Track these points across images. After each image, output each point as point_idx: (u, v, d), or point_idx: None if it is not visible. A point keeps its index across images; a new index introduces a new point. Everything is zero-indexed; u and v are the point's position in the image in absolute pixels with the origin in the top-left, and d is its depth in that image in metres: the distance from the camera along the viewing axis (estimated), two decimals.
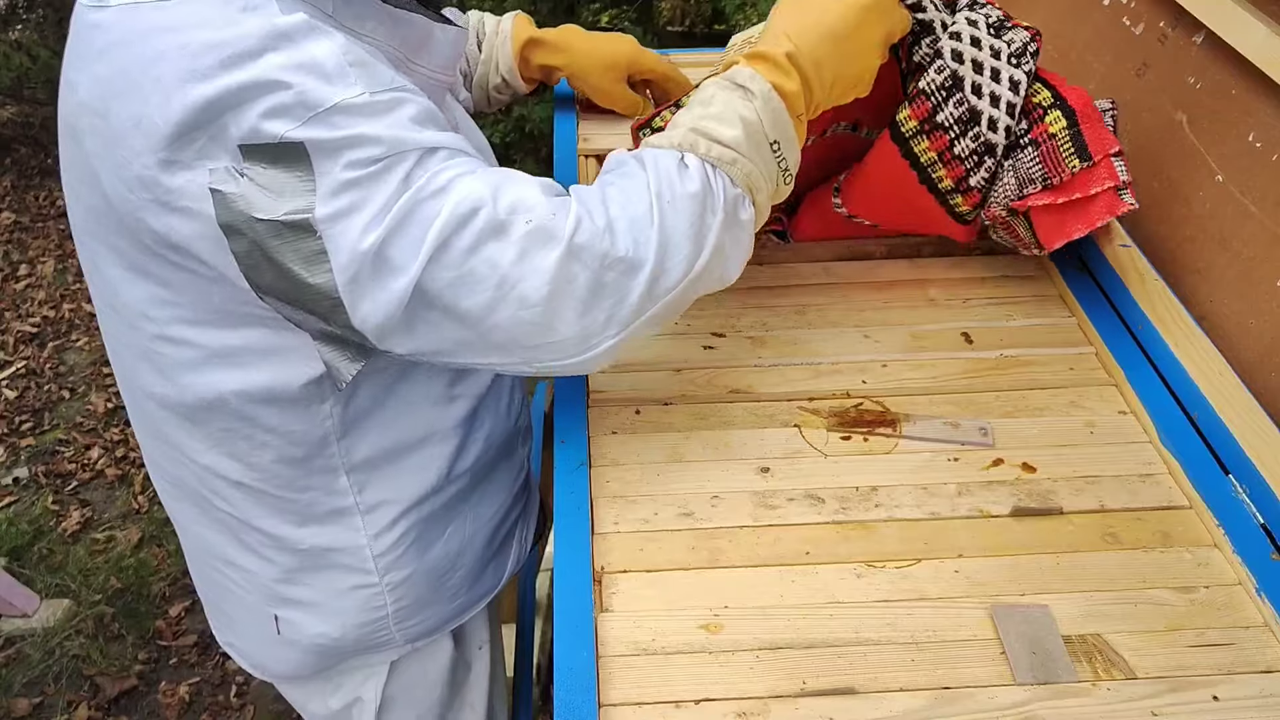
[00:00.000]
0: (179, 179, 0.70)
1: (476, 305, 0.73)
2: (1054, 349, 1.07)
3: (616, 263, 0.75)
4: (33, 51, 3.89)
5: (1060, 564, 0.86)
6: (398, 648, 1.06)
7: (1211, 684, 0.77)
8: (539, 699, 1.66)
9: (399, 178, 0.70)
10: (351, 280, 0.72)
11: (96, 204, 0.78)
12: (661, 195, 0.76)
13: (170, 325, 0.82)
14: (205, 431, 0.89)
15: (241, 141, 0.68)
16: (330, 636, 1.01)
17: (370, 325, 0.75)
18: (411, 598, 1.02)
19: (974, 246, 1.20)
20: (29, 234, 3.59)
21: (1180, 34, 1.17)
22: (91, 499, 2.55)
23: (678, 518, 0.91)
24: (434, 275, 0.72)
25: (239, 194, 0.70)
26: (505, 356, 0.78)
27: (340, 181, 0.69)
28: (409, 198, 0.70)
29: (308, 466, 0.91)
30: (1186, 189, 1.14)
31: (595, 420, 1.01)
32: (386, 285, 0.72)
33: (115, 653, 2.18)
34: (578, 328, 0.76)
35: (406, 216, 0.70)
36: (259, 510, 0.94)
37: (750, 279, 1.18)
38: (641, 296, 0.77)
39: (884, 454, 0.96)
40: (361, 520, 0.96)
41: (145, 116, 0.69)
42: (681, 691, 0.77)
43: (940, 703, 0.76)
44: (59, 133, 0.82)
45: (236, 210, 0.70)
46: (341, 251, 0.71)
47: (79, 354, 3.05)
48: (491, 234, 0.72)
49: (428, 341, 0.77)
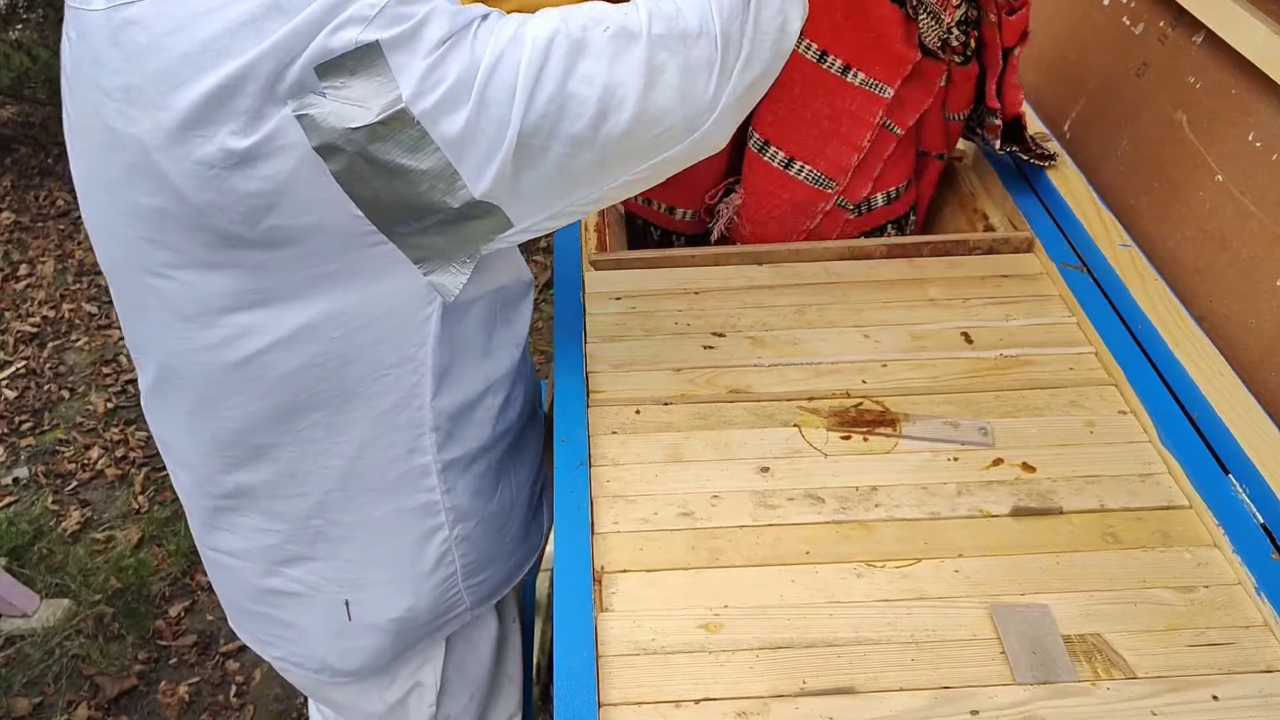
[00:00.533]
0: (266, 126, 0.72)
1: (584, 126, 0.76)
2: (1054, 349, 1.07)
3: (697, 39, 0.79)
4: (33, 51, 3.89)
5: (1060, 564, 0.86)
6: (464, 615, 1.08)
7: (1211, 684, 0.77)
8: (539, 698, 1.66)
9: (468, 45, 0.74)
10: (460, 150, 0.75)
11: (164, 205, 0.77)
12: None
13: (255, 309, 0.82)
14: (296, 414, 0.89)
15: (317, 63, 0.71)
16: (405, 607, 1.02)
17: (488, 187, 0.77)
18: (475, 553, 1.04)
19: (973, 246, 1.20)
20: (29, 234, 3.59)
21: (1180, 34, 1.17)
22: (91, 499, 2.55)
23: (677, 517, 0.91)
24: (536, 111, 0.75)
25: (328, 112, 0.72)
26: (624, 169, 0.82)
27: (422, 68, 0.72)
28: (489, 58, 0.74)
29: (393, 424, 0.92)
30: (1186, 189, 1.14)
31: (595, 420, 1.01)
32: (494, 140, 0.75)
33: (115, 653, 2.18)
34: (681, 112, 0.80)
35: (492, 72, 0.74)
36: (343, 487, 0.95)
37: (750, 279, 1.18)
38: (726, 62, 0.80)
39: (884, 454, 0.96)
40: (437, 478, 0.97)
41: (221, 88, 0.70)
42: (681, 691, 0.77)
43: (940, 702, 0.76)
44: (83, 151, 0.80)
45: (329, 128, 0.72)
46: (443, 128, 0.74)
47: (79, 354, 3.05)
48: (578, 53, 0.75)
49: (549, 187, 0.80)
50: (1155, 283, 1.08)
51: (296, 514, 0.96)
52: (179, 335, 0.86)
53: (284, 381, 0.87)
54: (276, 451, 0.91)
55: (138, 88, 0.73)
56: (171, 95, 0.72)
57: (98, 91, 0.75)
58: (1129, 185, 1.23)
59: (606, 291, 1.17)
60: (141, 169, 0.75)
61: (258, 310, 0.82)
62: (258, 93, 0.71)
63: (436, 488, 0.98)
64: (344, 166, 0.74)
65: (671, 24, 0.78)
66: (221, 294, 0.81)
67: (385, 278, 0.84)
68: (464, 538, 1.03)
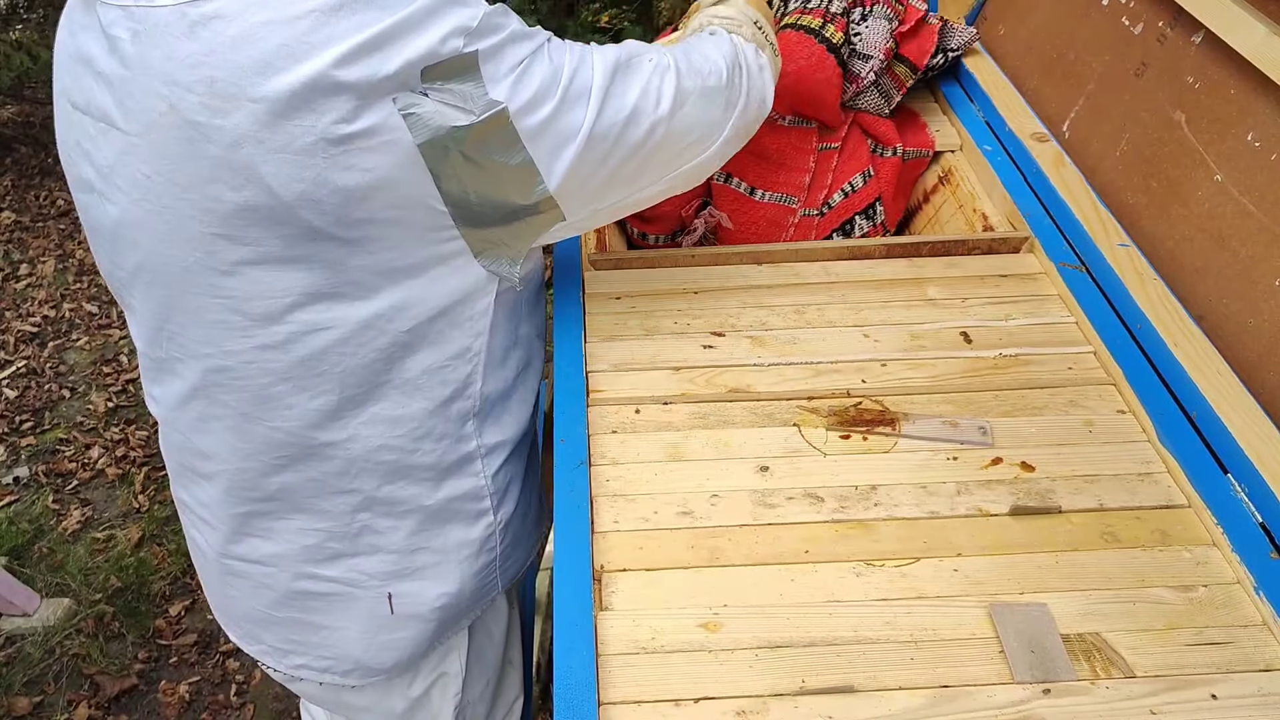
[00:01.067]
0: (367, 119, 0.76)
1: (640, 134, 0.91)
2: (1053, 348, 1.07)
3: (709, 75, 0.97)
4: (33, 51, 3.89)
5: (1059, 563, 0.86)
6: (494, 598, 1.12)
7: (1210, 683, 0.77)
8: (539, 698, 1.67)
9: (546, 60, 0.84)
10: (541, 149, 0.84)
11: (250, 199, 0.77)
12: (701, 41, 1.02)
13: (325, 303, 0.84)
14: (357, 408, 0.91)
15: (423, 65, 0.76)
16: (450, 594, 1.05)
17: (558, 184, 0.87)
18: (511, 535, 1.09)
19: (972, 246, 1.20)
20: (29, 233, 3.59)
21: (1179, 34, 1.18)
22: (92, 498, 2.56)
23: (677, 516, 0.91)
24: (605, 119, 0.87)
25: (432, 111, 0.78)
26: (655, 175, 0.96)
27: (512, 76, 0.81)
28: (567, 72, 0.85)
29: (446, 414, 0.96)
30: (1185, 188, 1.14)
31: (595, 420, 1.01)
32: (570, 140, 0.86)
33: (115, 652, 2.18)
34: (703, 126, 0.97)
35: (571, 81, 0.85)
36: (396, 479, 0.97)
37: (750, 279, 1.19)
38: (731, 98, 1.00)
39: (883, 453, 0.97)
40: (482, 463, 1.01)
41: (321, 77, 0.73)
42: (681, 690, 0.77)
43: (939, 701, 0.76)
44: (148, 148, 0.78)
45: (434, 126, 0.78)
46: (530, 129, 0.83)
47: (79, 353, 3.05)
48: (633, 75, 0.90)
49: (600, 187, 0.91)
50: (1154, 282, 1.08)
51: (342, 510, 0.97)
52: (241, 334, 0.86)
53: (349, 376, 0.89)
54: (331, 449, 0.93)
55: (225, 80, 0.73)
56: (265, 86, 0.73)
57: (173, 86, 0.75)
58: (1128, 185, 1.23)
59: (606, 291, 1.17)
60: (228, 163, 0.76)
61: (327, 305, 0.84)
62: (359, 84, 0.74)
63: (481, 472, 1.02)
64: (441, 163, 0.80)
65: (690, 66, 0.96)
66: (293, 289, 0.83)
67: (451, 270, 0.88)
68: (505, 521, 1.07)
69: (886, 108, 1.41)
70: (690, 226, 1.37)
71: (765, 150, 1.37)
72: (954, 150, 1.43)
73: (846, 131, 1.40)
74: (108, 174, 0.82)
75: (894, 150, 1.39)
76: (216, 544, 1.03)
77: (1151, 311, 1.05)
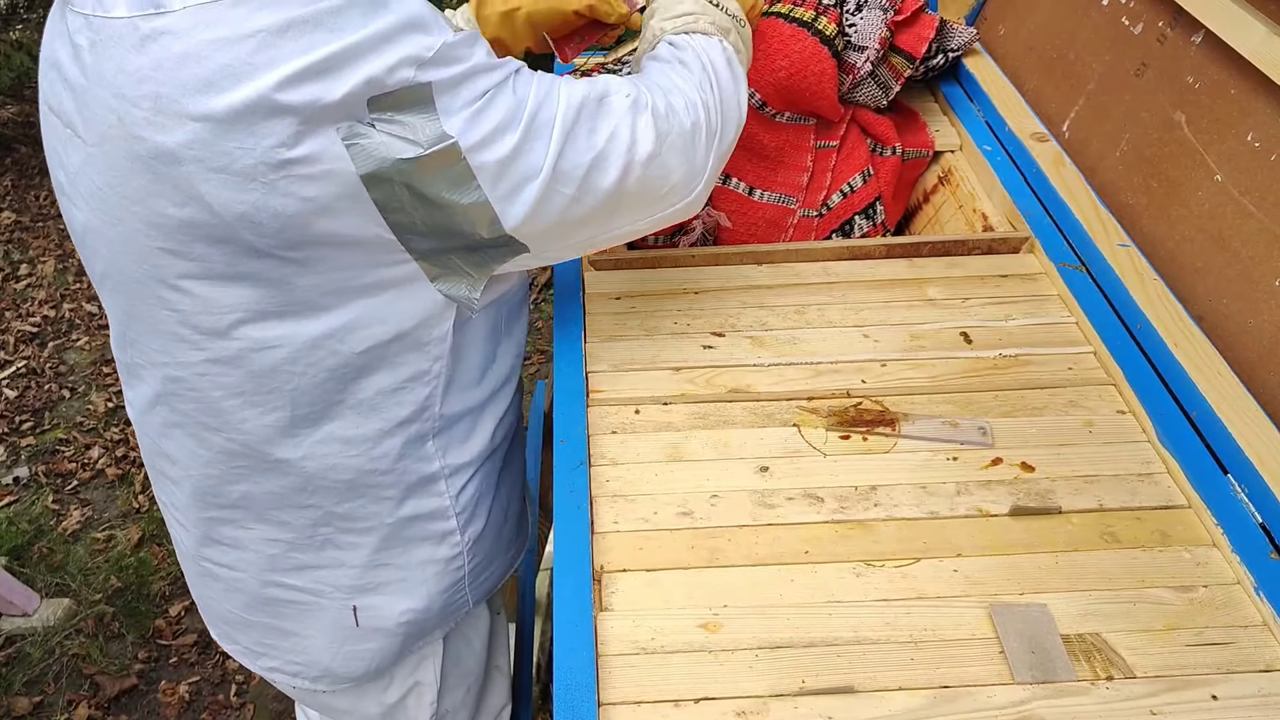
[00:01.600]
0: (307, 147, 0.73)
1: (610, 179, 0.85)
2: (1053, 348, 1.07)
3: (685, 112, 0.91)
4: (33, 51, 3.89)
5: (1059, 563, 0.86)
6: (465, 612, 1.11)
7: (1210, 683, 0.77)
8: (539, 698, 1.67)
9: (509, 94, 0.80)
10: (498, 188, 0.80)
11: (192, 215, 0.76)
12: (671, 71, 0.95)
13: (272, 321, 0.82)
14: (310, 426, 0.90)
15: (369, 95, 0.73)
16: (416, 610, 1.03)
17: (517, 223, 0.83)
18: (482, 552, 1.07)
19: (972, 246, 1.20)
20: (29, 233, 3.59)
21: (1179, 34, 1.18)
22: (92, 498, 2.56)
23: (677, 517, 0.91)
24: (568, 159, 0.83)
25: (378, 143, 0.75)
26: (630, 217, 0.91)
27: (469, 110, 0.77)
28: (529, 107, 0.81)
29: (405, 435, 0.94)
30: (1185, 189, 1.14)
31: (595, 420, 1.01)
32: (529, 180, 0.81)
33: (115, 652, 2.18)
34: (684, 170, 0.91)
35: (533, 119, 0.81)
36: (354, 497, 0.95)
37: (750, 279, 1.19)
38: (710, 132, 0.94)
39: (883, 453, 0.96)
40: (446, 483, 0.99)
41: (262, 99, 0.71)
42: (681, 690, 0.77)
43: (939, 702, 0.76)
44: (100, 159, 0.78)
45: (379, 157, 0.75)
46: (486, 167, 0.79)
47: (79, 353, 3.05)
48: (603, 115, 0.85)
49: (567, 226, 0.86)
50: (1154, 282, 1.08)
51: (304, 523, 0.96)
52: (191, 347, 0.85)
53: (300, 395, 0.87)
54: (287, 466, 0.92)
55: (170, 97, 0.72)
56: (207, 105, 0.71)
57: (122, 100, 0.74)
58: (1128, 185, 1.23)
59: (606, 291, 1.17)
60: (171, 179, 0.75)
61: (274, 322, 0.82)
62: (301, 108, 0.72)
63: (445, 492, 1.00)
64: (387, 195, 0.77)
65: (665, 104, 0.90)
66: (238, 306, 0.81)
67: (405, 294, 0.85)
68: (473, 539, 1.05)
69: (885, 99, 1.41)
70: (689, 226, 1.37)
71: (763, 148, 1.37)
72: (954, 150, 1.43)
73: (845, 130, 1.40)
74: (74, 180, 0.82)
75: (893, 150, 1.39)
76: (191, 545, 1.04)
77: (1151, 312, 1.05)
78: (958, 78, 1.52)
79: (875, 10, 1.38)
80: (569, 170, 0.83)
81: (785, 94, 1.33)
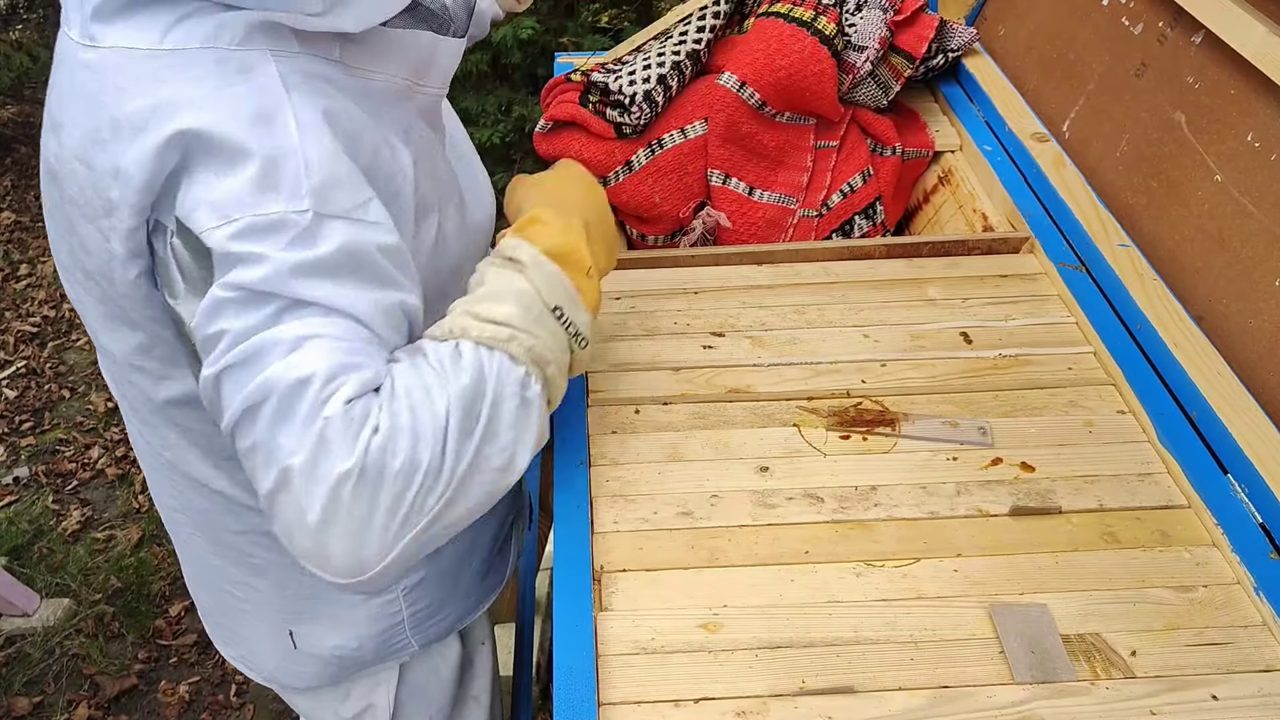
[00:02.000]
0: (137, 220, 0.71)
1: (266, 484, 0.66)
2: (1053, 349, 1.07)
3: (395, 476, 0.66)
4: (33, 51, 3.89)
5: (1059, 563, 0.86)
6: (412, 652, 1.09)
7: (1210, 683, 0.77)
8: (539, 698, 1.67)
9: (264, 314, 0.65)
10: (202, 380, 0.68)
11: (76, 248, 0.77)
12: (431, 391, 0.68)
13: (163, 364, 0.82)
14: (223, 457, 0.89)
15: (179, 216, 0.68)
16: (348, 647, 1.03)
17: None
18: (426, 601, 1.05)
19: (972, 246, 1.20)
20: (29, 234, 3.59)
21: (1179, 34, 1.18)
22: (92, 498, 2.55)
23: (677, 517, 0.91)
24: (241, 431, 0.67)
25: (161, 259, 0.71)
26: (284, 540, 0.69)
27: (215, 299, 0.66)
28: (258, 339, 0.65)
29: None
30: (1185, 189, 1.14)
31: (595, 420, 1.01)
32: (220, 411, 0.68)
33: (115, 652, 2.18)
34: (353, 554, 0.66)
35: (249, 358, 0.65)
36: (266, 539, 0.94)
37: (750, 279, 1.19)
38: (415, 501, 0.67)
39: (883, 453, 0.96)
40: None
41: (123, 168, 0.68)
42: (681, 690, 0.77)
43: (939, 702, 0.76)
44: (41, 174, 0.81)
45: (164, 273, 0.72)
46: (203, 361, 0.68)
47: (79, 354, 3.05)
48: (286, 419, 0.65)
49: None
50: (1154, 282, 1.08)
51: (237, 545, 0.97)
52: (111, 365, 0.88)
53: (204, 436, 0.88)
54: (208, 489, 0.92)
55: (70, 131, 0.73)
56: (90, 152, 0.71)
57: (51, 122, 0.76)
58: (1128, 185, 1.23)
59: (606, 291, 1.17)
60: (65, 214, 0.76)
61: (165, 365, 0.83)
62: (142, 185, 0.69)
63: None
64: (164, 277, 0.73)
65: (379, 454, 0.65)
66: (128, 343, 0.82)
67: None
68: (411, 588, 1.03)
69: (885, 99, 1.41)
70: (689, 226, 1.37)
71: (763, 147, 1.37)
72: (954, 150, 1.43)
73: (845, 130, 1.40)
74: None
75: (893, 150, 1.39)
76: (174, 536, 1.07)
77: (1151, 312, 1.05)
78: (958, 78, 1.52)
79: (875, 10, 1.38)
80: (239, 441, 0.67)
81: (785, 94, 1.33)
